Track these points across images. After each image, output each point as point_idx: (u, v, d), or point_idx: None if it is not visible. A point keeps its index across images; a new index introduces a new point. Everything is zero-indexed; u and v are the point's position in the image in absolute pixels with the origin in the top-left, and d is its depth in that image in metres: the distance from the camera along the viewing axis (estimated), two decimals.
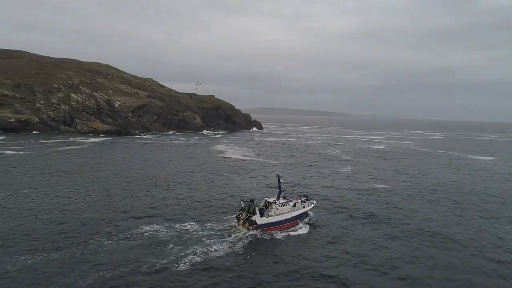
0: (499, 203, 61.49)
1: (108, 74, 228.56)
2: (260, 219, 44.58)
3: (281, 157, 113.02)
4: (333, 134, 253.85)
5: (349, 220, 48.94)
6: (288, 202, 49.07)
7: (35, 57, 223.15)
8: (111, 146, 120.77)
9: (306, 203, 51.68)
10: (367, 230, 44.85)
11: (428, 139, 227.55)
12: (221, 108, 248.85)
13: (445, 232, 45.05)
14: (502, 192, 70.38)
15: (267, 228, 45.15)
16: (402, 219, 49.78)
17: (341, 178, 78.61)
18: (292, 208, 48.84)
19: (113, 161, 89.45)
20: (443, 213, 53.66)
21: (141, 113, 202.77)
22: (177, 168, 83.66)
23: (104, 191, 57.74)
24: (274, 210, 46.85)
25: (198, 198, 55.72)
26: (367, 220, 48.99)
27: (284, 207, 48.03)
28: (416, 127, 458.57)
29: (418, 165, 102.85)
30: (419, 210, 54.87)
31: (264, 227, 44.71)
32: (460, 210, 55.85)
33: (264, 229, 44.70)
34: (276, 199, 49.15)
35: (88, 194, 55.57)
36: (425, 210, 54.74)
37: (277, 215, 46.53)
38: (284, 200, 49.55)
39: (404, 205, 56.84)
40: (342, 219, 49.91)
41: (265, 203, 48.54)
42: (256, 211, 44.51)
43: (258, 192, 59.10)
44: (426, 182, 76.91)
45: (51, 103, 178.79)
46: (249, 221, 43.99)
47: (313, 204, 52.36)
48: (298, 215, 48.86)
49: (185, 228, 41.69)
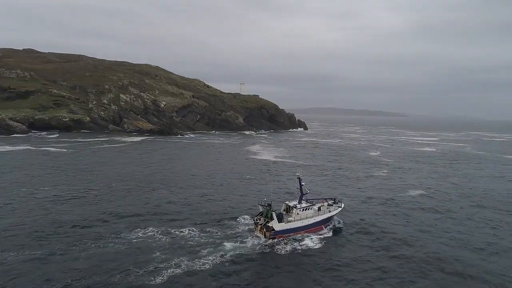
0: None
1: (157, 75, 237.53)
2: (277, 224, 41.58)
3: (315, 158, 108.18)
4: (382, 135, 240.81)
5: (361, 234, 43.96)
6: (311, 206, 45.58)
7: (91, 60, 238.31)
8: (146, 145, 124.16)
9: (333, 207, 47.80)
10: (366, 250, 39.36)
11: (489, 142, 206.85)
12: (265, 108, 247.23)
13: (471, 271, 33.43)
14: None
15: (287, 234, 42.03)
16: (409, 241, 41.52)
17: (368, 184, 72.57)
18: (316, 212, 45.31)
19: (139, 160, 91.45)
20: (479, 236, 43.71)
21: (185, 113, 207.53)
22: (201, 167, 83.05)
23: (109, 190, 57.59)
24: (295, 215, 43.64)
25: (208, 202, 53.51)
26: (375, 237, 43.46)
27: (306, 211, 44.58)
28: (479, 129, 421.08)
29: (468, 172, 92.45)
30: (441, 230, 47.94)
31: (283, 233, 41.65)
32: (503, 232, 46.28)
33: (282, 236, 41.58)
34: (298, 202, 45.81)
35: (90, 193, 55.47)
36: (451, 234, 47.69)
37: (298, 221, 43.25)
38: (307, 204, 46.00)
39: (424, 222, 48.21)
40: (358, 230, 45.10)
41: (286, 207, 45.52)
42: (274, 216, 41.65)
43: (280, 196, 56.02)
44: (468, 193, 68.24)
45: (102, 104, 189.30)
46: (265, 227, 41.25)
47: (340, 208, 48.34)
48: (322, 220, 45.14)
49: (182, 234, 39.49)
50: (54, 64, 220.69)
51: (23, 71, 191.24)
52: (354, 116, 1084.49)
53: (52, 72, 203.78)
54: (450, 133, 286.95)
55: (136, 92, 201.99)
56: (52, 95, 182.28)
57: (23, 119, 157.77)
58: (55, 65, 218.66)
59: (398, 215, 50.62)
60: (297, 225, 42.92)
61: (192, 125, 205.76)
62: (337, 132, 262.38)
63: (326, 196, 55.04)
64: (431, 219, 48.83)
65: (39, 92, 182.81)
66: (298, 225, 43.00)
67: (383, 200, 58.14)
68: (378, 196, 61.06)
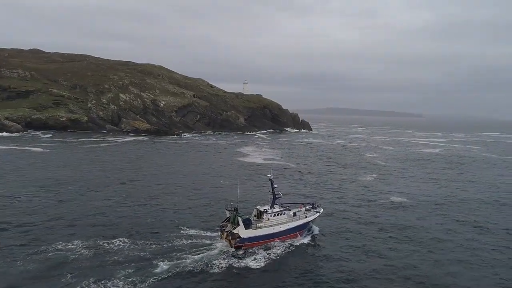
0: None
1: (159, 74, 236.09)
2: (244, 231, 37.92)
3: (306, 160, 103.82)
4: (389, 136, 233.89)
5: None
6: (285, 211, 41.81)
7: (94, 60, 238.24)
8: (137, 146, 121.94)
9: (311, 212, 43.96)
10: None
11: (501, 143, 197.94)
12: (268, 107, 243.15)
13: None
14: None
15: (255, 242, 38.21)
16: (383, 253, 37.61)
17: (351, 188, 68.04)
18: (290, 217, 41.51)
19: (120, 160, 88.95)
20: (459, 247, 39.21)
21: (185, 112, 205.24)
22: (176, 170, 79.72)
23: (57, 193, 54.44)
24: (265, 221, 39.90)
25: (160, 210, 49.01)
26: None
27: (279, 216, 40.82)
28: (494, 129, 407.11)
29: (464, 178, 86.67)
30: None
31: (251, 241, 37.89)
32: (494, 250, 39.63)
33: (250, 244, 37.84)
34: (270, 207, 41.96)
35: (27, 196, 52.39)
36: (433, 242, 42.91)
37: (268, 227, 39.51)
38: (280, 208, 42.18)
39: (397, 235, 43.07)
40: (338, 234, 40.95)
41: (257, 212, 41.77)
42: (240, 222, 37.96)
43: (255, 200, 52.30)
44: (458, 198, 62.96)
45: (101, 103, 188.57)
46: (231, 234, 37.67)
47: (319, 213, 44.45)
48: (296, 226, 41.29)
49: (109, 247, 34.86)
50: (57, 64, 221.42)
51: (24, 71, 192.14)
52: (366, 117, 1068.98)
53: (54, 71, 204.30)
54: (461, 134, 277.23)
55: (136, 92, 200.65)
56: (52, 95, 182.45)
57: (20, 119, 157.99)
58: (57, 65, 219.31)
59: (371, 224, 46.07)
60: (267, 232, 39.13)
61: (191, 125, 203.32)
62: (342, 133, 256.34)
63: (304, 200, 51.70)
64: (403, 233, 43.40)
65: (39, 91, 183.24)
66: (269, 232, 39.21)
67: (359, 208, 53.69)
68: (355, 203, 56.63)
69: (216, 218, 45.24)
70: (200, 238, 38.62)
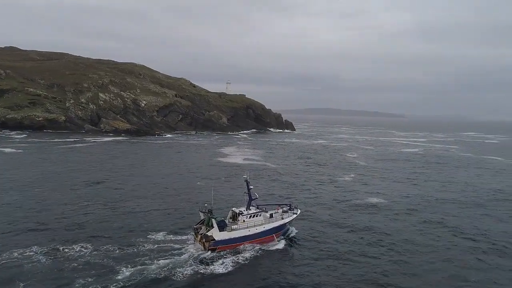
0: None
1: (140, 73, 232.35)
2: (218, 233, 36.91)
3: (287, 160, 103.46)
4: (370, 136, 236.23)
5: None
6: (261, 213, 40.94)
7: (73, 58, 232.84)
8: (114, 146, 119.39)
9: (288, 213, 43.17)
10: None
11: (478, 143, 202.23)
12: (251, 107, 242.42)
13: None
14: None
15: (230, 245, 37.30)
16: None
17: (328, 189, 67.78)
18: (266, 219, 40.70)
19: (92, 161, 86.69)
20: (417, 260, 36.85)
21: (167, 112, 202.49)
22: (152, 171, 77.88)
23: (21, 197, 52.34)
24: (240, 223, 38.95)
25: (130, 213, 47.17)
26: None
27: (254, 218, 39.90)
28: (474, 129, 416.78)
29: (442, 174, 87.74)
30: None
31: (225, 244, 36.96)
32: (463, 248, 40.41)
33: (225, 247, 36.89)
34: (246, 209, 40.99)
35: None
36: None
37: (244, 229, 38.58)
38: (256, 210, 41.28)
39: (372, 237, 42.51)
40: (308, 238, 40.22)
41: (232, 214, 40.74)
42: (214, 224, 36.95)
43: (231, 202, 51.02)
44: (433, 197, 63.40)
45: (80, 103, 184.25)
46: (204, 237, 36.58)
47: (296, 215, 43.69)
48: (273, 228, 40.47)
49: (69, 253, 32.92)
50: (34, 62, 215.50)
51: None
52: (350, 117, 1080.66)
53: (30, 70, 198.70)
54: (441, 134, 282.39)
55: (116, 91, 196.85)
56: (28, 94, 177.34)
57: None
58: (34, 63, 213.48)
59: (344, 227, 45.27)
60: (242, 234, 38.29)
61: (173, 125, 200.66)
62: (325, 133, 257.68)
63: (281, 202, 51.04)
64: (375, 237, 42.09)
65: (15, 90, 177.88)
66: (244, 234, 38.37)
67: (334, 210, 53.09)
68: (330, 204, 56.09)
69: (189, 221, 44.09)
70: (169, 242, 37.29)
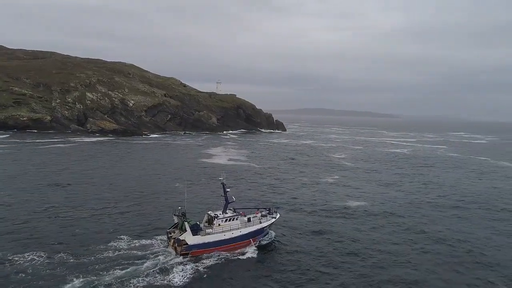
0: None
1: (129, 73, 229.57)
2: (191, 238, 35.59)
3: (272, 160, 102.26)
4: (360, 136, 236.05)
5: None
6: (237, 216, 39.73)
7: (60, 57, 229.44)
8: (97, 146, 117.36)
9: (267, 218, 41.89)
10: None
11: (467, 143, 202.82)
12: (241, 107, 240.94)
13: None
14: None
15: (205, 249, 35.98)
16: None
17: (312, 191, 66.60)
18: (243, 223, 39.44)
19: (67, 162, 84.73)
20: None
21: (155, 112, 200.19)
22: (134, 172, 76.16)
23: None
24: (216, 227, 37.65)
25: (93, 217, 45.44)
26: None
27: (231, 222, 38.68)
28: (465, 129, 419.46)
29: (427, 175, 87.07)
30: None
31: (199, 249, 35.66)
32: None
33: (199, 251, 35.57)
34: (222, 212, 39.68)
35: None
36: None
37: (219, 233, 37.30)
38: (233, 213, 39.98)
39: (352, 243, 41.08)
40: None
41: (208, 217, 39.45)
42: (187, 228, 35.59)
43: (209, 205, 49.71)
44: (405, 210, 62.44)
45: (67, 102, 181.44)
46: (177, 241, 35.22)
47: (275, 219, 42.45)
48: (250, 233, 39.18)
49: (20, 262, 30.97)
50: (20, 61, 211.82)
51: None
52: (344, 117, 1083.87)
53: (15, 69, 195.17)
54: (431, 134, 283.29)
55: (104, 91, 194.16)
56: (13, 93, 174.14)
57: None
58: (20, 61, 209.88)
59: (322, 233, 43.53)
60: (217, 238, 37.01)
61: (162, 125, 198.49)
62: (316, 133, 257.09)
63: (261, 205, 49.76)
64: (351, 245, 39.96)
65: None
66: (219, 239, 37.10)
67: (312, 214, 51.67)
68: (309, 208, 54.77)
69: (158, 225, 42.84)
70: (132, 249, 35.59)
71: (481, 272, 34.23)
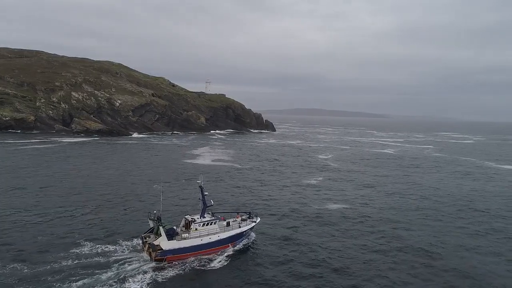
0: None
1: (117, 72, 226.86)
2: (166, 243, 34.51)
3: (256, 161, 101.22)
4: (349, 136, 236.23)
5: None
6: (215, 220, 38.67)
7: (46, 56, 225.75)
8: (78, 147, 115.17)
9: (247, 222, 41.04)
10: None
11: (454, 144, 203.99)
12: (231, 107, 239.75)
13: None
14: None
15: (181, 255, 34.91)
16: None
17: (292, 194, 65.75)
18: (222, 228, 38.56)
19: (39, 164, 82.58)
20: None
21: (143, 112, 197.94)
22: (111, 174, 74.21)
23: None
24: (192, 231, 36.56)
25: (71, 218, 44.33)
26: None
27: (208, 226, 37.60)
28: (454, 129, 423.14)
29: (411, 176, 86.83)
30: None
31: (175, 254, 34.60)
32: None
33: (175, 257, 34.51)
34: (200, 216, 38.54)
35: None
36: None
37: (196, 238, 36.21)
38: (211, 217, 38.97)
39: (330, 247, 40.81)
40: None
41: (185, 222, 38.32)
42: (161, 232, 34.52)
43: (187, 208, 48.37)
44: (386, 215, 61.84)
45: (51, 102, 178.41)
46: (151, 246, 34.08)
47: (255, 223, 41.65)
48: (228, 237, 38.28)
49: None
50: (4, 59, 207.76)
51: None
52: (335, 117, 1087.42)
53: None
54: (420, 134, 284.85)
55: (90, 90, 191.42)
56: None
57: None
58: (4, 60, 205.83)
59: (298, 241, 42.09)
60: (194, 243, 35.94)
61: (150, 125, 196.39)
62: (305, 133, 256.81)
63: (239, 208, 49.03)
64: (322, 254, 38.08)
65: None
66: (196, 244, 36.03)
67: (290, 218, 50.54)
68: (287, 212, 53.68)
69: (127, 230, 41.46)
70: (94, 256, 34.07)
71: (451, 279, 33.50)
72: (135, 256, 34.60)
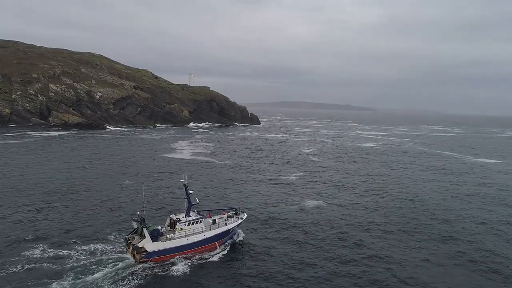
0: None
1: (98, 64, 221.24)
2: (151, 244, 33.30)
3: (236, 156, 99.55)
4: (333, 129, 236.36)
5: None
6: (201, 219, 37.26)
7: (22, 47, 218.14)
8: (52, 141, 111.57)
9: (233, 219, 39.72)
10: None
11: (436, 137, 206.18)
12: (215, 100, 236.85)
13: None
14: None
15: (166, 256, 33.75)
16: None
17: (269, 189, 64.50)
18: (208, 226, 37.19)
19: (22, 160, 79.28)
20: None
21: (124, 105, 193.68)
22: (83, 171, 71.03)
23: None
24: (178, 231, 35.34)
25: (42, 217, 42.38)
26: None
27: (194, 225, 36.30)
28: (436, 123, 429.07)
29: (391, 170, 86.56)
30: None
31: (160, 255, 33.45)
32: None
33: (159, 258, 33.38)
34: (185, 215, 37.18)
35: None
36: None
37: (181, 238, 34.93)
38: (196, 216, 37.61)
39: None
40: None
41: (170, 221, 37.05)
42: (145, 234, 33.28)
43: (171, 207, 46.49)
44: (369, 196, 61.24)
45: (28, 94, 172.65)
46: (135, 248, 32.90)
47: (242, 220, 40.33)
48: (215, 236, 36.98)
49: None
50: None
51: None
52: (322, 110, 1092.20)
53: None
54: (404, 128, 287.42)
55: (69, 82, 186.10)
56: None
57: None
58: None
59: (274, 240, 40.89)
60: (179, 243, 34.69)
61: (131, 118, 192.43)
62: (290, 126, 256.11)
63: (225, 206, 47.59)
64: (297, 254, 36.72)
65: None
66: (181, 244, 34.77)
67: (265, 216, 49.33)
68: (263, 208, 52.60)
69: (92, 230, 39.62)
70: (46, 261, 31.82)
71: None
72: (88, 263, 32.44)
